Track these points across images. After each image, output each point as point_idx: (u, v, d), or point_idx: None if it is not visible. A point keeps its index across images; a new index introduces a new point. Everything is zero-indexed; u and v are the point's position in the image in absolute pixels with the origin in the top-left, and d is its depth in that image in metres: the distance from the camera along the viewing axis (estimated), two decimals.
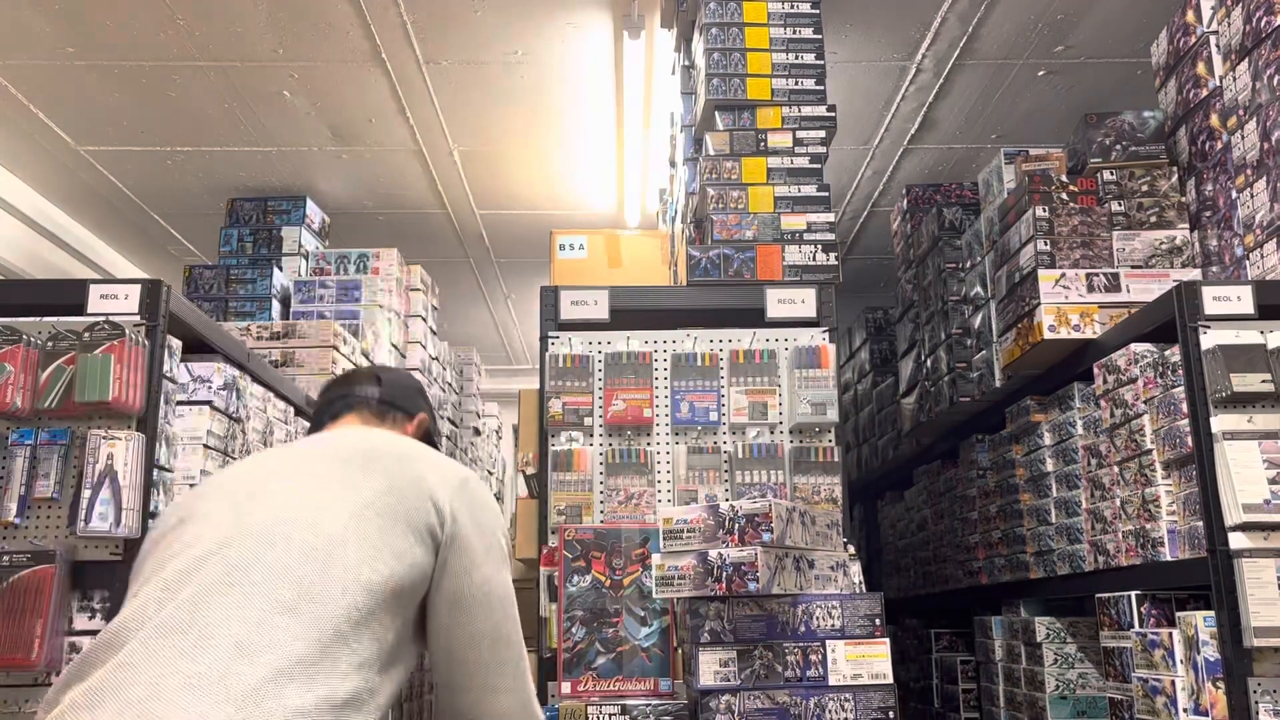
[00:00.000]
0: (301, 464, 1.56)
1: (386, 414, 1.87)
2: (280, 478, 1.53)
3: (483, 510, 1.57)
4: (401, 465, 1.55)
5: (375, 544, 1.43)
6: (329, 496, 1.48)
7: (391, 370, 1.97)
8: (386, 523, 1.46)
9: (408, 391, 1.94)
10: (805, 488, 2.63)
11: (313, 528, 1.42)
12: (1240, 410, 2.28)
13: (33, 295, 2.61)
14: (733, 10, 3.14)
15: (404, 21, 4.08)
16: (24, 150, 5.11)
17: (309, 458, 1.58)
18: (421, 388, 2.00)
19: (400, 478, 1.52)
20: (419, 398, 1.96)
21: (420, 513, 1.49)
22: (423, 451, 1.62)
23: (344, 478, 1.51)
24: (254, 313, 4.56)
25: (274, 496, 1.48)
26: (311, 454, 1.59)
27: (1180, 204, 3.01)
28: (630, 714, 2.15)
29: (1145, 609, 2.49)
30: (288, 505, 1.46)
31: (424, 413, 1.94)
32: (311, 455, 1.58)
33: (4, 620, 2.13)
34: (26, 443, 2.27)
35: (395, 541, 1.45)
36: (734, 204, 3.00)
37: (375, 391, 1.88)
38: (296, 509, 1.45)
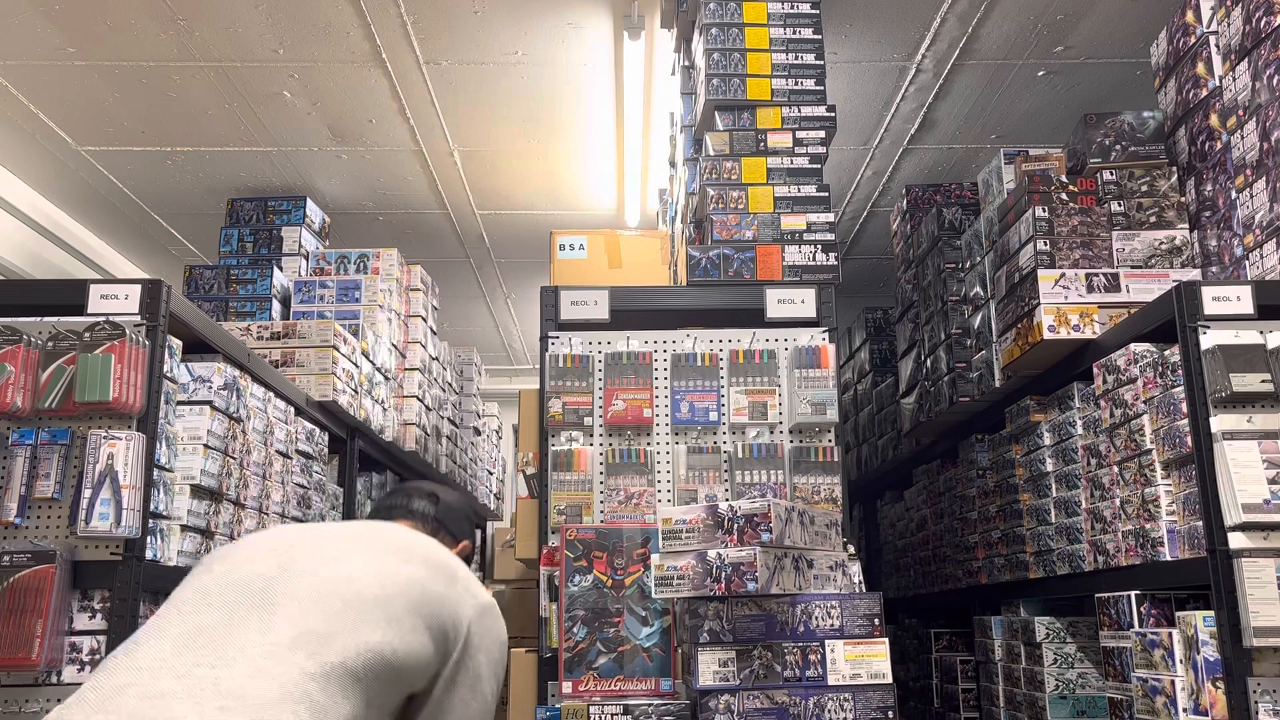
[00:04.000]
0: (347, 534, 1.67)
1: (437, 532, 1.96)
2: (326, 540, 1.64)
3: (494, 641, 1.69)
4: (437, 570, 1.65)
5: (397, 618, 1.52)
6: (367, 562, 1.58)
7: (449, 492, 2.07)
8: (409, 606, 1.55)
9: (459, 517, 2.03)
10: (805, 488, 2.63)
11: (349, 581, 1.53)
12: (1240, 410, 2.28)
13: (33, 295, 2.61)
14: (733, 10, 3.15)
15: (404, 22, 4.08)
16: (24, 150, 5.11)
17: (356, 535, 1.68)
18: (471, 514, 2.08)
19: (433, 579, 1.62)
20: (468, 524, 2.05)
21: (441, 616, 1.59)
22: (459, 567, 1.72)
23: (385, 555, 1.62)
24: (254, 313, 4.56)
25: (320, 549, 1.60)
26: (359, 532, 1.69)
27: (1180, 204, 3.01)
28: (632, 713, 2.16)
29: (1145, 609, 2.49)
30: (330, 560, 1.57)
31: (469, 540, 2.03)
32: (359, 533, 1.69)
33: (4, 620, 2.13)
34: (27, 443, 2.27)
35: (411, 624, 1.54)
36: (734, 204, 3.00)
37: (431, 510, 1.99)
38: (336, 565, 1.56)
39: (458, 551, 1.96)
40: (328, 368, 3.74)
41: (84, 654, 2.20)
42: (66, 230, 5.91)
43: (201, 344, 2.71)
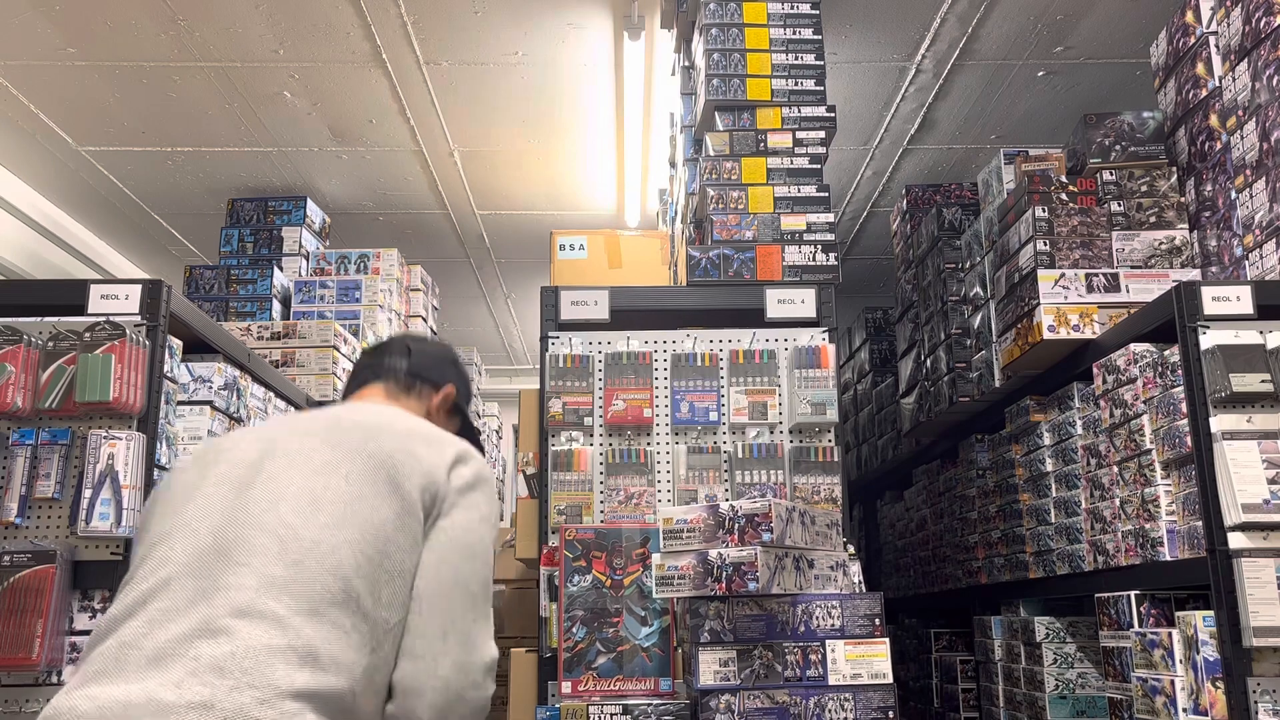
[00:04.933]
0: (303, 445, 1.53)
1: (413, 386, 1.87)
2: (280, 458, 1.50)
3: (475, 485, 1.57)
4: (398, 441, 1.54)
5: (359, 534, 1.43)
6: (322, 485, 1.46)
7: (423, 340, 1.96)
8: (372, 503, 1.46)
9: (437, 362, 1.92)
10: (805, 488, 2.63)
11: (301, 524, 1.42)
12: (1239, 410, 2.28)
13: (33, 295, 2.61)
14: (732, 11, 3.15)
15: (404, 22, 4.08)
16: (24, 150, 5.11)
17: (310, 443, 1.54)
18: (455, 358, 1.97)
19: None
20: (449, 368, 1.93)
21: (411, 490, 1.49)
22: (424, 430, 1.61)
23: (338, 467, 1.49)
24: (254, 313, 4.56)
25: (271, 480, 1.47)
26: (313, 436, 1.55)
27: (1179, 204, 3.01)
28: (631, 713, 2.16)
29: (1145, 609, 2.49)
30: (282, 492, 1.45)
31: (452, 384, 1.92)
32: (312, 438, 1.55)
33: (5, 620, 2.13)
34: (27, 443, 2.27)
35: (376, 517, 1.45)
36: (734, 204, 3.00)
37: (403, 363, 1.87)
38: (290, 496, 1.45)
39: (440, 399, 1.87)
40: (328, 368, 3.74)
41: None
42: (66, 230, 5.91)
43: (202, 344, 2.71)
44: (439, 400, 1.90)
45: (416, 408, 1.86)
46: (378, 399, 1.83)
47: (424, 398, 1.88)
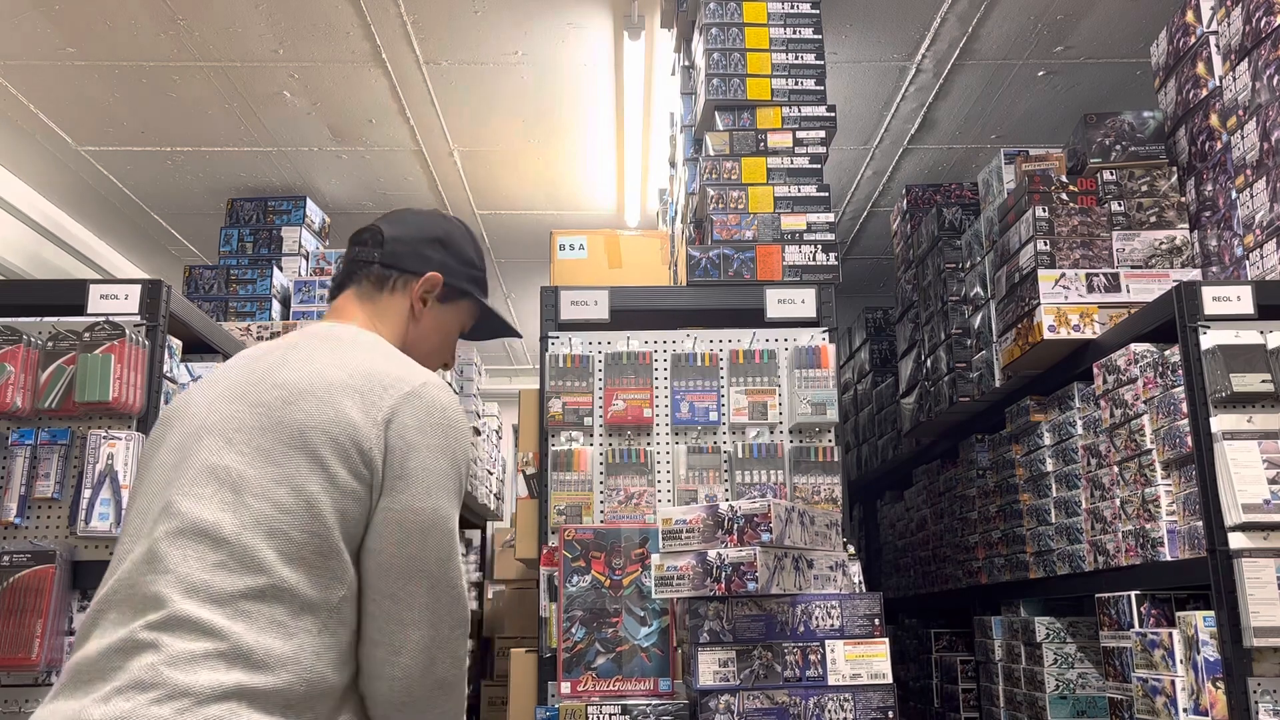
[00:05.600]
0: (227, 419, 1.40)
1: (386, 281, 1.64)
2: (206, 438, 1.39)
3: (423, 432, 1.40)
4: (321, 404, 1.38)
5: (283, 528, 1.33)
6: (239, 471, 1.35)
7: (403, 219, 1.71)
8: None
9: (414, 243, 1.67)
10: (805, 488, 2.63)
11: (224, 519, 1.33)
12: (1240, 410, 2.28)
13: (33, 295, 2.61)
14: (733, 10, 3.14)
15: (404, 22, 4.08)
16: (24, 150, 5.11)
17: (235, 413, 1.41)
18: (441, 233, 1.70)
19: (315, 424, 1.36)
20: (430, 247, 1.67)
21: (335, 462, 1.35)
22: (363, 372, 1.42)
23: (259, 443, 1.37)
24: (254, 313, 4.56)
25: (194, 467, 1.37)
26: (239, 402, 1.42)
27: (1180, 204, 3.01)
28: (630, 714, 2.16)
29: (1145, 609, 2.49)
30: (205, 480, 1.36)
31: (435, 270, 1.66)
32: (238, 404, 1.41)
33: (4, 620, 2.13)
34: (27, 443, 2.27)
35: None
36: (734, 204, 3.00)
37: (375, 254, 1.65)
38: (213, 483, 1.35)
39: (420, 289, 1.64)
40: None
41: None
42: (66, 230, 5.91)
43: (201, 344, 2.71)
44: (420, 290, 1.65)
45: (395, 310, 1.65)
46: (346, 312, 1.63)
47: (403, 293, 1.65)
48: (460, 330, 1.77)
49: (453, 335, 1.75)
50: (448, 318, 1.72)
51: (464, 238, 1.75)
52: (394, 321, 1.65)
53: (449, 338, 1.75)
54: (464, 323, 1.77)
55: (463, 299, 1.73)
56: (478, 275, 1.76)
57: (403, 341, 1.65)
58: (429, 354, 1.72)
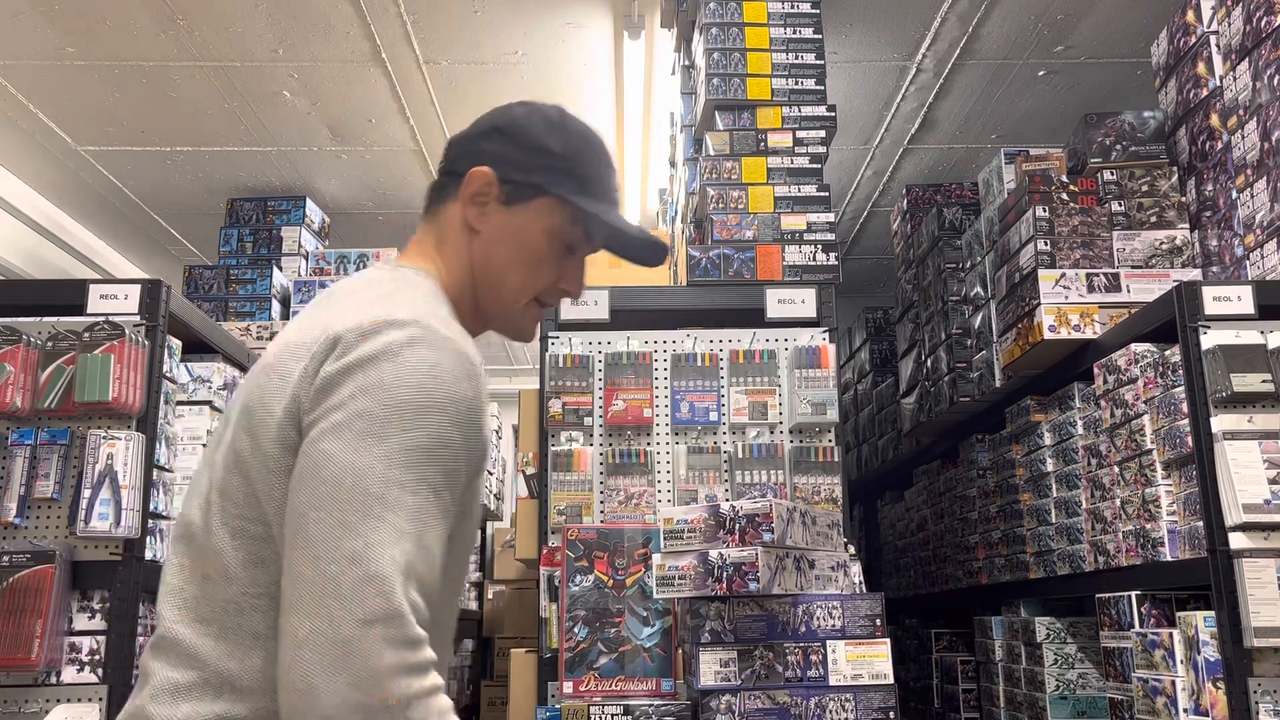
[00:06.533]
0: (229, 409, 1.27)
1: (441, 192, 1.35)
2: (215, 432, 1.28)
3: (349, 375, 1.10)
4: (268, 372, 1.18)
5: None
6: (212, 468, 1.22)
7: (483, 119, 1.37)
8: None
9: (469, 141, 1.35)
10: (805, 488, 2.63)
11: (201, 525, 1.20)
12: (1240, 410, 2.28)
13: (33, 295, 2.61)
14: (733, 10, 3.14)
15: (404, 21, 4.08)
16: (24, 150, 5.11)
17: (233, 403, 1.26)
18: (503, 122, 1.34)
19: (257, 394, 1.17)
20: (484, 140, 1.33)
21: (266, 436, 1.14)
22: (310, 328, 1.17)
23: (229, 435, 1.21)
24: (254, 313, 4.56)
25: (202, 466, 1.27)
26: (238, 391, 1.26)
27: (1180, 204, 3.01)
28: (632, 714, 2.15)
29: (1145, 609, 2.49)
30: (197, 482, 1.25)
31: (483, 164, 1.31)
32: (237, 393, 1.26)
33: (4, 620, 2.13)
34: (26, 443, 2.27)
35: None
36: (734, 204, 3.00)
37: (439, 174, 1.37)
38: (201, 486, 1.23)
39: (467, 192, 1.31)
40: None
41: (84, 654, 2.20)
42: (66, 230, 5.91)
43: (201, 344, 2.71)
44: (466, 193, 1.31)
45: (451, 227, 1.33)
46: (408, 245, 1.38)
47: (451, 202, 1.33)
48: (556, 240, 1.33)
49: (538, 248, 1.32)
50: (520, 223, 1.31)
51: (540, 122, 1.33)
52: (452, 240, 1.33)
53: (531, 251, 1.32)
54: (556, 229, 1.32)
55: (537, 197, 1.31)
56: (559, 165, 1.31)
57: (468, 265, 1.32)
58: (504, 276, 1.32)
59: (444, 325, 1.16)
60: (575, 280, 1.37)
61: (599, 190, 1.34)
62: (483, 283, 1.33)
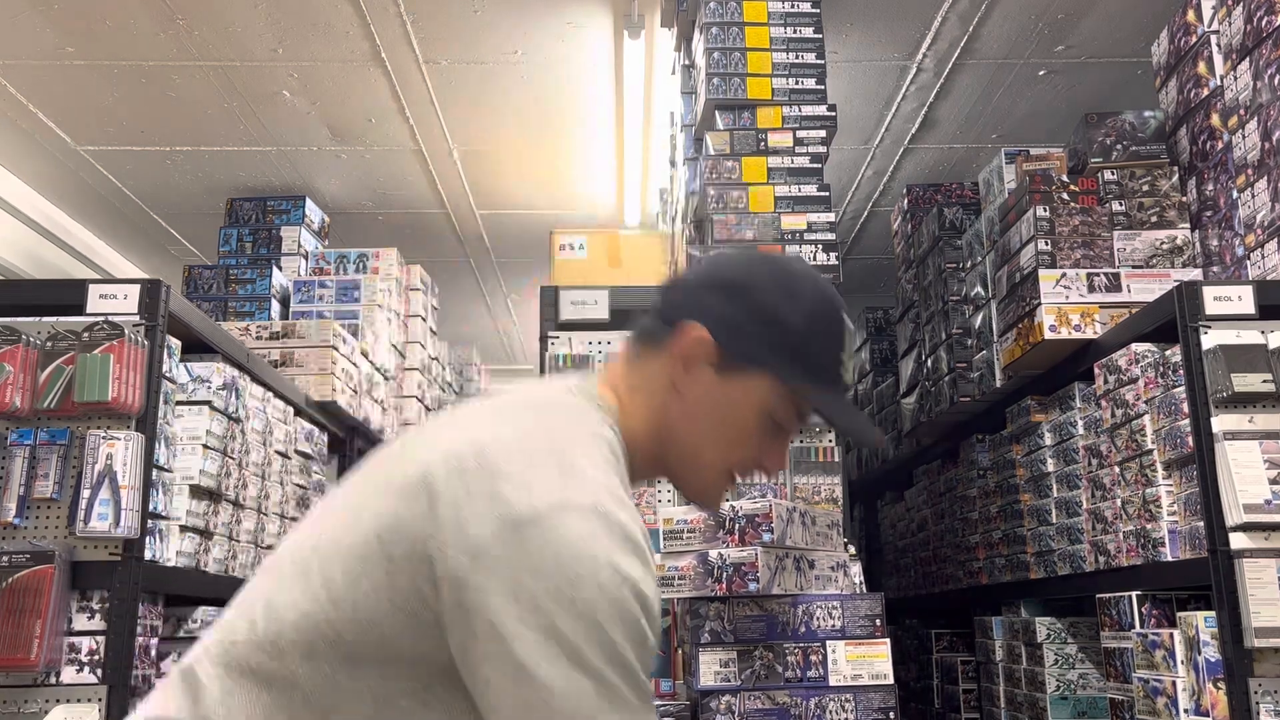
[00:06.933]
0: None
1: (651, 335, 1.21)
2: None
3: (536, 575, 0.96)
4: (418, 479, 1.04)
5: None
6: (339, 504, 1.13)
7: (712, 259, 1.26)
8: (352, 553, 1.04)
9: (694, 289, 1.20)
10: (805, 488, 2.62)
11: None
12: (1241, 410, 2.28)
13: (32, 295, 2.61)
14: (733, 10, 3.14)
15: (404, 21, 4.08)
16: (24, 150, 5.10)
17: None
18: (736, 278, 1.19)
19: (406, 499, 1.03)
20: (711, 294, 1.18)
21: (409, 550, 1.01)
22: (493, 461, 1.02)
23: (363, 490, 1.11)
24: (253, 313, 4.56)
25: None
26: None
27: (1181, 204, 3.00)
28: None
29: (1146, 609, 2.49)
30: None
31: (704, 321, 1.16)
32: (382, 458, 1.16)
33: (3, 620, 2.13)
34: (26, 443, 2.27)
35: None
36: (734, 204, 2.99)
37: (659, 300, 1.23)
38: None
39: (682, 346, 1.17)
40: (327, 368, 3.73)
41: (83, 654, 2.20)
42: (66, 230, 5.91)
43: (201, 344, 2.71)
44: (679, 348, 1.17)
45: (653, 375, 1.20)
46: (602, 371, 1.24)
47: (665, 352, 1.19)
48: (767, 419, 1.20)
49: (744, 424, 1.19)
50: (731, 396, 1.18)
51: (774, 288, 1.17)
52: (650, 390, 1.20)
53: (737, 427, 1.20)
54: (769, 408, 1.19)
55: (756, 372, 1.17)
56: (788, 342, 1.17)
57: (661, 420, 1.20)
58: (701, 447, 1.21)
59: (620, 506, 1.02)
60: (778, 459, 1.24)
61: (827, 375, 1.20)
62: (675, 448, 1.21)
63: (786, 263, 1.22)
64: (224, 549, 2.75)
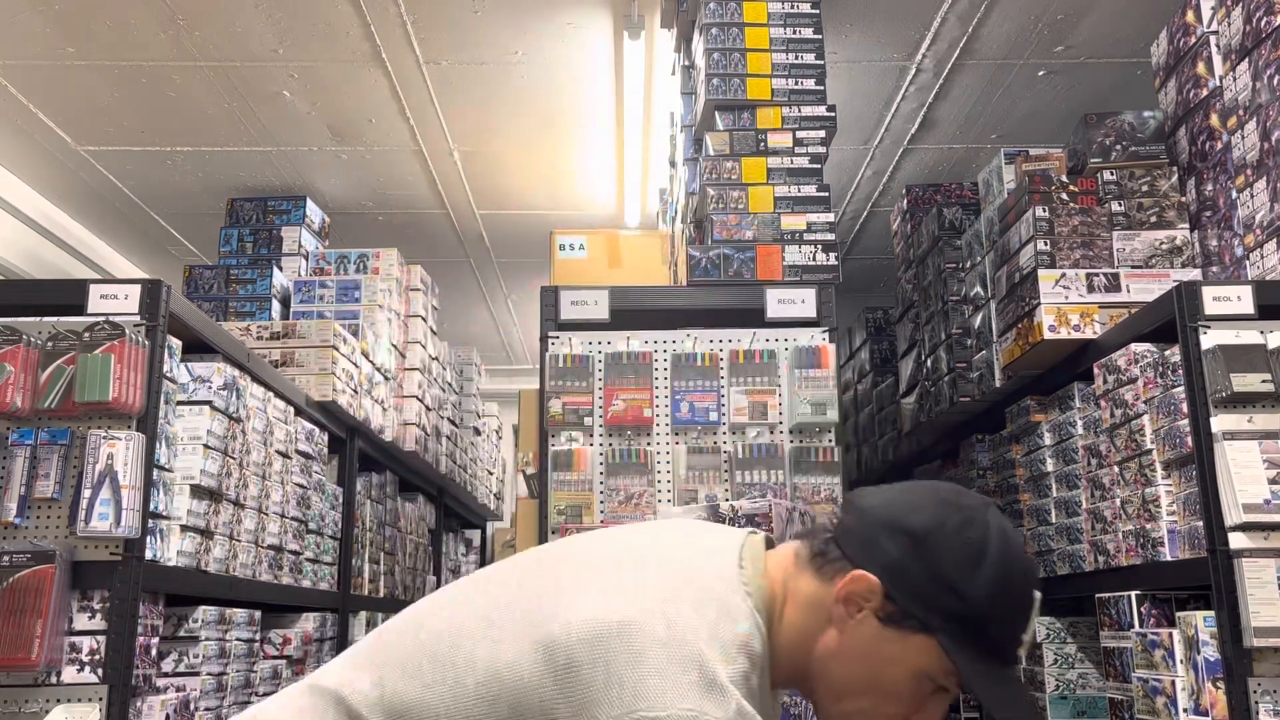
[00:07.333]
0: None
1: (824, 557, 1.18)
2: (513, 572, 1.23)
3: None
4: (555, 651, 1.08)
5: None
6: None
7: (904, 490, 1.20)
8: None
9: (871, 527, 1.15)
10: (805, 488, 2.63)
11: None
12: (1240, 410, 2.28)
13: (33, 295, 2.61)
14: (733, 10, 3.14)
15: (404, 22, 4.08)
16: (24, 150, 5.11)
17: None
18: (918, 527, 1.13)
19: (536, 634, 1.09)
20: (888, 538, 1.13)
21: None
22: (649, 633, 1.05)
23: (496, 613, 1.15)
24: (254, 313, 4.56)
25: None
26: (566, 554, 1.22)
27: (1180, 204, 3.01)
28: None
29: (1145, 609, 2.49)
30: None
31: (873, 570, 1.13)
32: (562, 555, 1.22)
33: (4, 620, 2.13)
34: (27, 443, 2.27)
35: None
36: (734, 204, 3.00)
37: (835, 521, 1.21)
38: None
39: (844, 588, 1.14)
40: (327, 368, 3.74)
41: (84, 654, 2.20)
42: (66, 230, 5.91)
43: (201, 344, 2.71)
44: (843, 590, 1.14)
45: (814, 600, 1.17)
46: (771, 556, 1.22)
47: (828, 580, 1.17)
48: (925, 683, 1.15)
49: (900, 684, 1.15)
50: (891, 651, 1.14)
51: (960, 551, 1.11)
52: (808, 607, 1.18)
53: (891, 685, 1.15)
54: (929, 673, 1.14)
55: (920, 633, 1.12)
56: (963, 613, 1.11)
57: (810, 646, 1.17)
58: (849, 694, 1.16)
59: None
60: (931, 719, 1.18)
61: (999, 655, 1.13)
62: (824, 682, 1.17)
63: (978, 517, 1.14)
64: (225, 549, 2.75)
